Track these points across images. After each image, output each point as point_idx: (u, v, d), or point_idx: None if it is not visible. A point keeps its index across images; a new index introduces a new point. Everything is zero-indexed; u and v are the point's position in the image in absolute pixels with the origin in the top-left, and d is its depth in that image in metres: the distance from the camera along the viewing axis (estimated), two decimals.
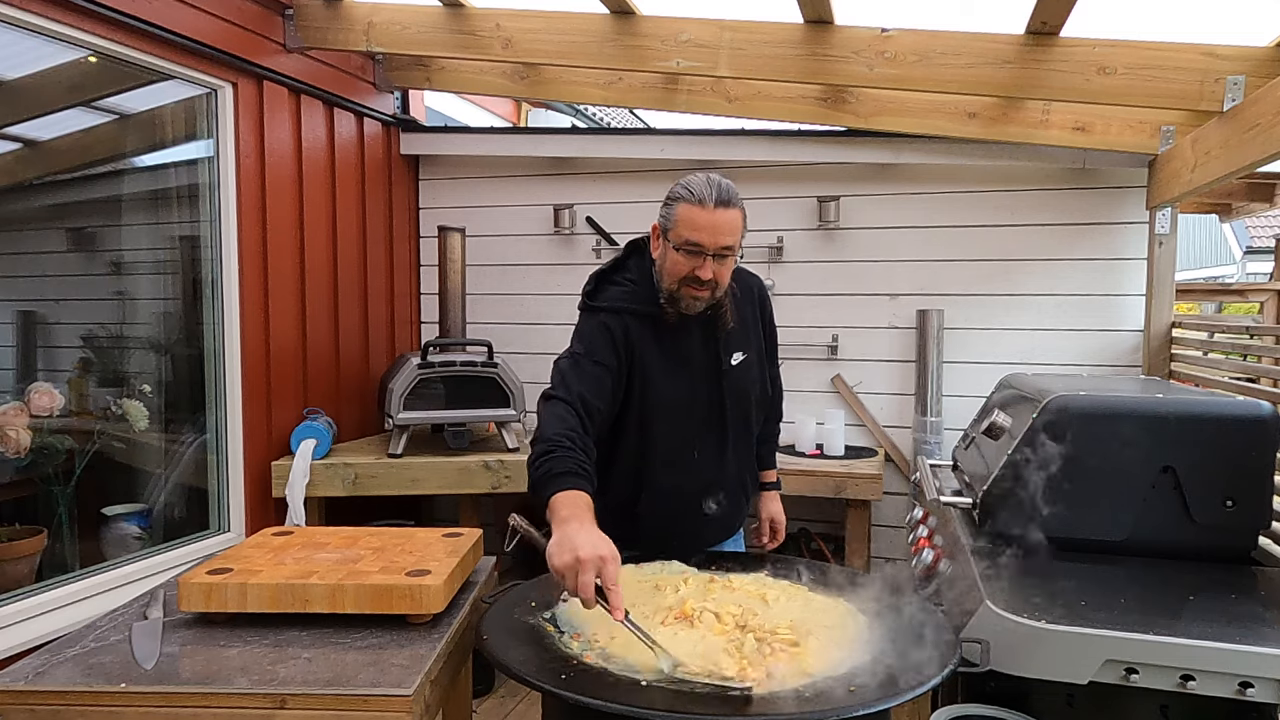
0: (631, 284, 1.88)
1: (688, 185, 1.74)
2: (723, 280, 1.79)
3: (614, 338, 1.81)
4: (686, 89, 3.44)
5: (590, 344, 1.81)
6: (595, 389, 1.75)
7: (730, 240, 1.73)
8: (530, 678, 1.21)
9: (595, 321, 1.84)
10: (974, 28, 2.56)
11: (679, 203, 1.74)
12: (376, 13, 3.15)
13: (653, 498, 1.88)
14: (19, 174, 2.68)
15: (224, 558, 1.61)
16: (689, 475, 1.91)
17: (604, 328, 1.82)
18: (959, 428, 2.98)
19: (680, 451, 1.89)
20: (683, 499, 1.91)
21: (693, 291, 1.77)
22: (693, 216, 1.71)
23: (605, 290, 1.89)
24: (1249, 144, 2.13)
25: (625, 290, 1.88)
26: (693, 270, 1.74)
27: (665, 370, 1.85)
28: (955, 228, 3.52)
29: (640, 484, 1.88)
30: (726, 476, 1.96)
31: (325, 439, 3.16)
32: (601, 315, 1.84)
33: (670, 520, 1.90)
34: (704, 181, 1.72)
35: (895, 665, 1.26)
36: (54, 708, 1.26)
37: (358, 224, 3.73)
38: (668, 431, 1.87)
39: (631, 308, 1.84)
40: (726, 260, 1.76)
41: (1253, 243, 14.20)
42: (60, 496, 2.59)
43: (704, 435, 1.91)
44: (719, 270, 1.76)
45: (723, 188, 1.72)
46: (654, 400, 1.84)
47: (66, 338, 2.82)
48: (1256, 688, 1.30)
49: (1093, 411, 1.73)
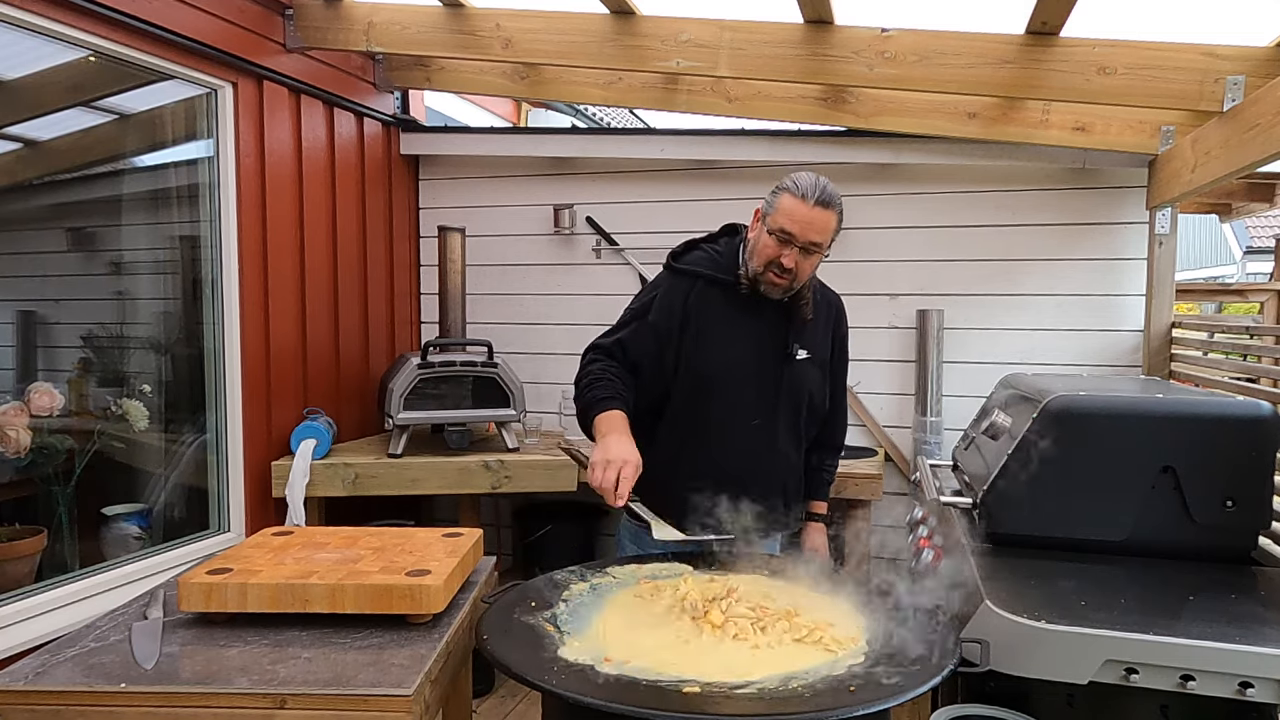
0: (716, 253, 2.02)
1: (795, 180, 1.88)
2: (802, 274, 1.91)
3: (673, 300, 1.95)
4: (686, 89, 3.44)
5: (649, 301, 1.98)
6: (637, 341, 1.93)
7: (820, 238, 1.87)
8: (530, 678, 1.21)
9: (665, 281, 2.00)
10: (974, 28, 2.56)
11: (784, 193, 1.88)
12: (376, 13, 3.14)
13: (694, 469, 1.89)
14: (19, 174, 2.68)
15: (224, 558, 1.61)
16: (732, 453, 1.93)
17: (670, 288, 1.98)
18: (959, 428, 2.98)
19: (726, 425, 1.93)
20: (722, 476, 1.88)
21: (774, 277, 1.89)
22: (793, 207, 1.85)
23: (690, 253, 2.03)
24: (1249, 144, 2.13)
25: (708, 256, 2.01)
26: (779, 256, 1.86)
27: (729, 336, 1.94)
28: (955, 228, 3.52)
29: (682, 451, 1.91)
30: (766, 470, 1.98)
31: (325, 439, 3.16)
32: (675, 276, 1.99)
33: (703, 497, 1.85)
34: (811, 180, 1.87)
35: (895, 665, 1.26)
36: (54, 708, 1.26)
37: (358, 224, 3.73)
38: (719, 399, 1.92)
39: (709, 273, 1.97)
40: (812, 256, 1.89)
41: (1253, 243, 14.19)
42: (60, 496, 2.59)
43: (754, 415, 1.94)
44: (802, 263, 1.88)
45: (827, 190, 1.86)
46: (709, 359, 1.92)
47: (66, 338, 2.82)
48: (1256, 688, 1.30)
49: (1093, 411, 1.73)
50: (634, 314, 1.99)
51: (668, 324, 1.92)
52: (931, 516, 2.18)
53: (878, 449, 3.58)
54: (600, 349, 1.96)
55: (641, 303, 1.99)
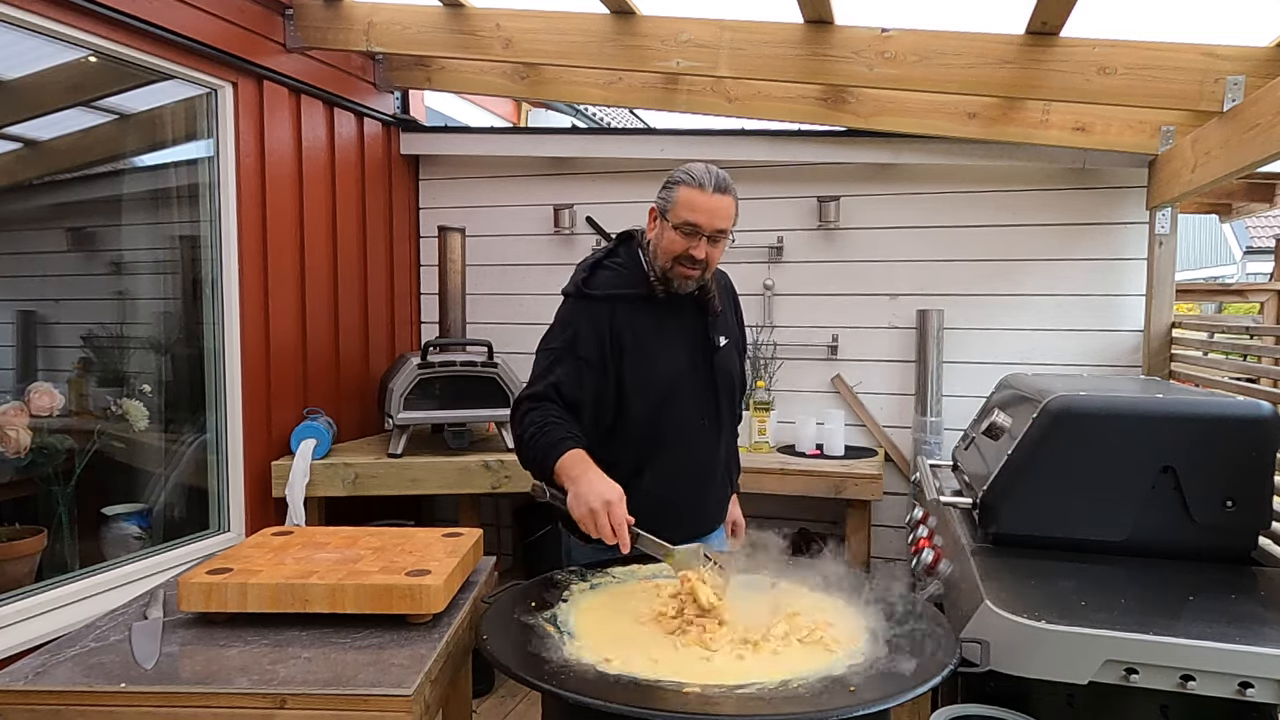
0: (621, 267, 1.97)
1: (688, 170, 1.86)
2: (713, 262, 1.90)
3: (597, 328, 1.88)
4: (686, 89, 3.44)
5: (571, 337, 1.88)
6: (573, 380, 1.84)
7: (725, 224, 1.86)
8: (530, 678, 1.21)
9: (580, 310, 1.92)
10: (974, 28, 2.57)
11: (679, 186, 1.85)
12: (376, 13, 3.14)
13: (658, 477, 1.89)
14: (19, 174, 2.68)
15: (224, 558, 1.61)
16: (689, 454, 1.94)
17: (588, 317, 1.90)
18: (959, 428, 2.98)
19: (678, 430, 1.92)
20: (686, 478, 1.94)
21: (685, 270, 1.87)
22: (692, 199, 1.83)
23: (597, 276, 1.96)
24: (1249, 144, 2.13)
25: (615, 274, 1.96)
26: (688, 249, 1.84)
27: (660, 345, 1.91)
28: (955, 228, 3.52)
29: (641, 464, 1.89)
30: (719, 460, 2.02)
31: (325, 439, 3.16)
32: (588, 303, 1.92)
33: (670, 502, 1.88)
34: (703, 169, 1.85)
35: (895, 665, 1.26)
36: (54, 708, 1.26)
37: (358, 224, 3.73)
38: (668, 407, 1.91)
39: (621, 292, 1.92)
40: (719, 243, 1.88)
41: (1253, 243, 14.18)
42: (60, 496, 2.59)
43: (700, 413, 1.95)
44: (712, 251, 1.87)
45: (720, 176, 1.85)
46: (649, 374, 1.89)
47: (66, 338, 2.82)
48: (1256, 688, 1.30)
49: (1093, 411, 1.73)
50: (559, 353, 1.87)
51: (599, 354, 1.86)
52: (931, 516, 2.18)
53: (878, 449, 3.58)
54: (533, 397, 1.84)
55: (563, 340, 1.88)
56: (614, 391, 1.87)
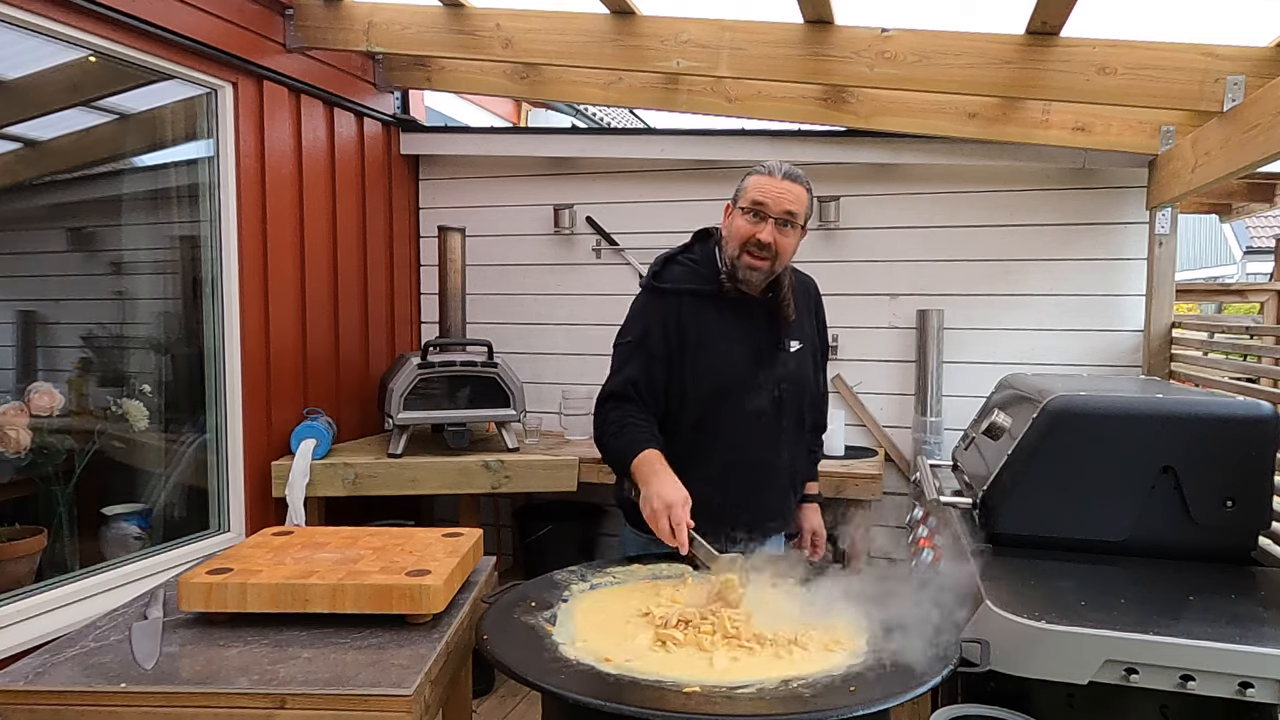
0: (694, 263, 2.00)
1: (762, 162, 1.91)
2: (783, 251, 1.88)
3: (665, 321, 1.93)
4: (686, 89, 3.44)
5: (641, 331, 1.95)
6: (645, 375, 1.91)
7: (794, 208, 1.86)
8: (530, 678, 1.21)
9: (650, 303, 1.97)
10: (974, 28, 2.56)
11: (751, 175, 1.90)
12: (376, 13, 3.14)
13: (703, 473, 1.89)
14: (19, 174, 2.68)
15: (224, 558, 1.61)
16: (739, 454, 1.95)
17: (657, 311, 1.95)
18: (959, 428, 2.98)
19: (738, 428, 1.94)
20: (737, 478, 1.94)
21: (752, 259, 1.87)
22: (760, 183, 1.87)
23: (669, 269, 2.00)
24: (1249, 144, 2.13)
25: (687, 269, 1.99)
26: (755, 234, 1.85)
27: (722, 342, 1.93)
28: (955, 228, 3.52)
29: (689, 458, 1.89)
30: (779, 465, 2.01)
31: (325, 439, 3.16)
32: (659, 296, 1.96)
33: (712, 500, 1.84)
34: (776, 161, 1.90)
35: (895, 665, 1.26)
36: (54, 708, 1.26)
37: (358, 224, 3.73)
38: (723, 404, 1.92)
39: (690, 287, 1.95)
40: (788, 231, 1.87)
41: (1253, 243, 14.18)
42: (60, 496, 2.59)
43: (757, 414, 1.95)
44: (780, 239, 1.86)
45: (791, 167, 1.89)
46: (706, 369, 1.92)
47: (66, 338, 2.82)
48: (1256, 688, 1.30)
49: (1093, 411, 1.73)
50: (632, 347, 1.95)
51: (665, 349, 1.92)
52: (931, 516, 2.18)
53: (878, 449, 3.58)
54: (614, 396, 1.93)
55: (635, 334, 1.96)
56: (679, 385, 1.92)
